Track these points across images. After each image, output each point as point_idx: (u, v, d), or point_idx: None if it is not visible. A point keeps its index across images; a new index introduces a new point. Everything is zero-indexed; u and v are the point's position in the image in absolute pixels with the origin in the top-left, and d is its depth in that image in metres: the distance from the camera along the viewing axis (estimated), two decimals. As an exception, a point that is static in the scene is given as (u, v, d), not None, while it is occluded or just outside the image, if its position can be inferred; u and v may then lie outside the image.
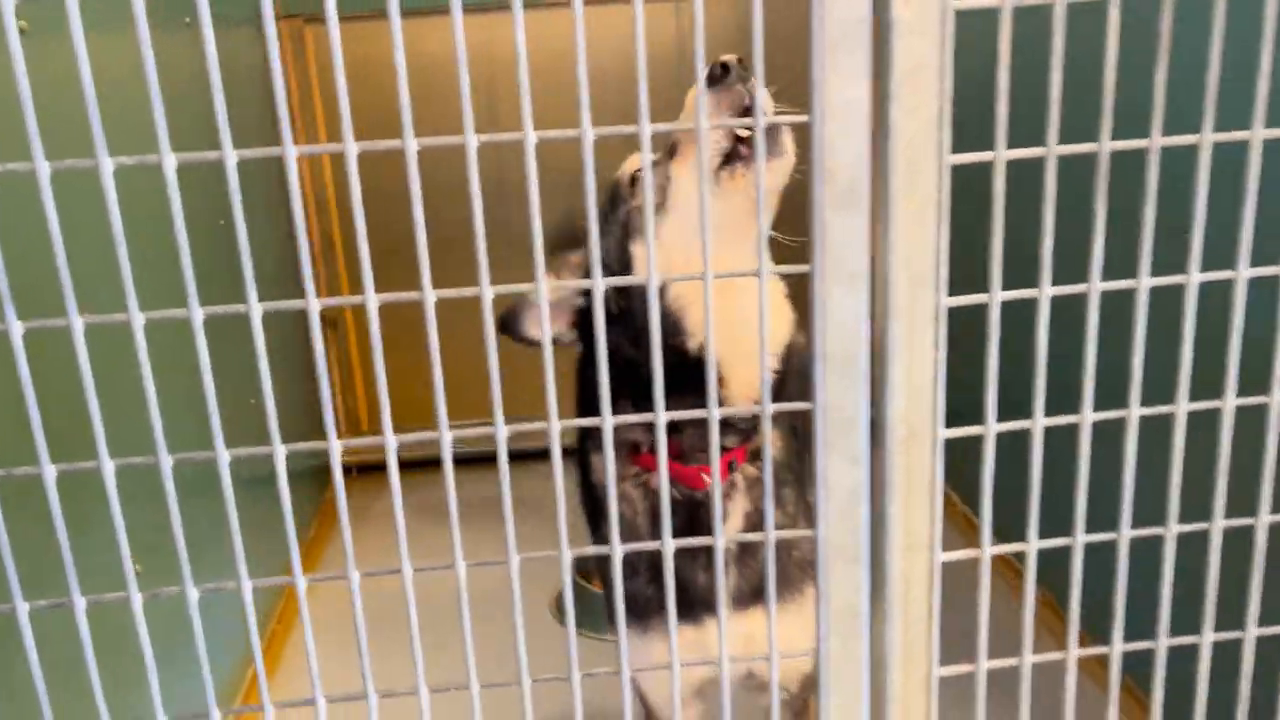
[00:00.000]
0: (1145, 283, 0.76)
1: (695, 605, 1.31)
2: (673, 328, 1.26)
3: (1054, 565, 0.85)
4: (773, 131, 1.20)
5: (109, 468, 0.72)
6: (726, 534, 1.30)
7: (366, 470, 3.40)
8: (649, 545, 0.78)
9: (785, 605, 1.33)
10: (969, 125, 0.78)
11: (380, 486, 0.82)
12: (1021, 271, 0.78)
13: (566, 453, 1.46)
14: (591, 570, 2.63)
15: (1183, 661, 0.86)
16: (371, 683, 0.81)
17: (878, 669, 0.81)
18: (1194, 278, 0.76)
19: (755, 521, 1.33)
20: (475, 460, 1.36)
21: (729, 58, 1.16)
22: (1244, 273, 0.76)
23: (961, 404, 0.81)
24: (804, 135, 0.70)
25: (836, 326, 0.72)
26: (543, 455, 0.78)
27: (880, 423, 0.76)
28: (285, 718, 0.86)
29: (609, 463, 0.68)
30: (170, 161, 0.66)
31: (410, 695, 0.80)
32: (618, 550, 0.78)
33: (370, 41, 2.48)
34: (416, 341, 0.76)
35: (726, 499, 1.30)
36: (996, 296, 0.75)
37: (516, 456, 0.96)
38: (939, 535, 0.79)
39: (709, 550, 1.28)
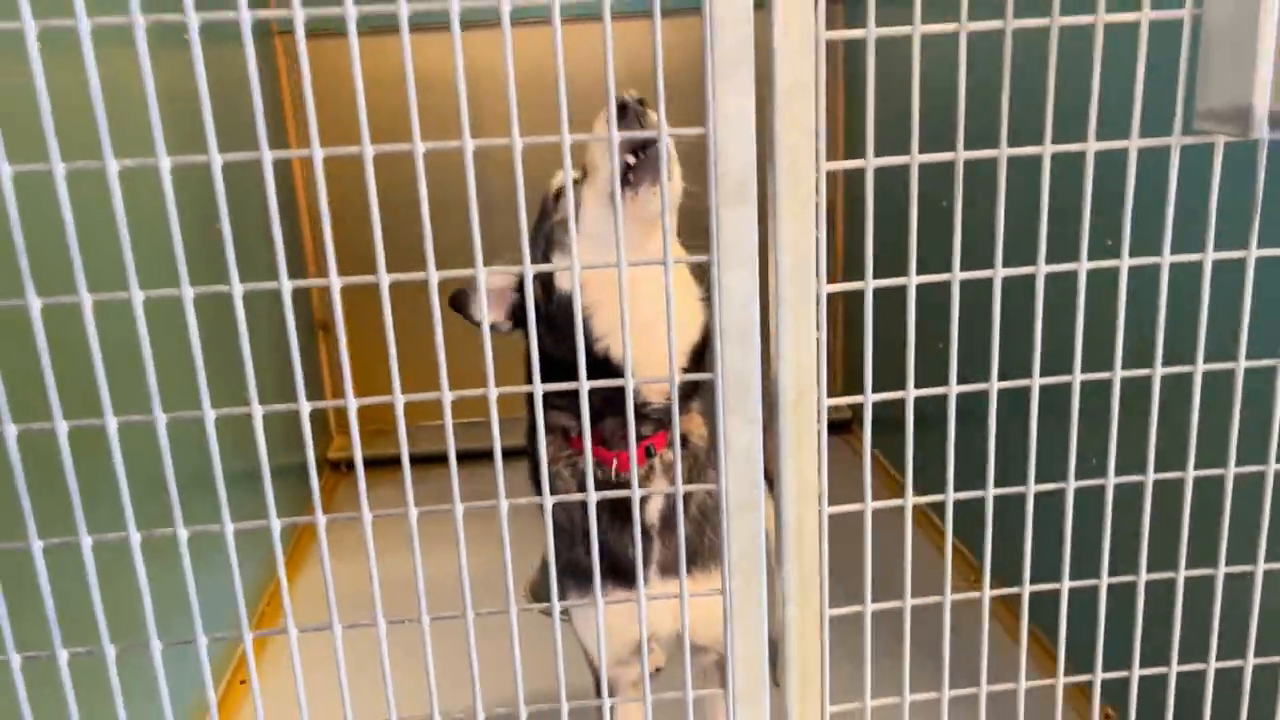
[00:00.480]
0: (1000, 272, 0.89)
1: (627, 574, 1.44)
2: (585, 339, 1.39)
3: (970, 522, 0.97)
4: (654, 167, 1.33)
5: (112, 425, 0.84)
6: (648, 514, 1.45)
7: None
8: (576, 496, 0.90)
9: (709, 574, 1.47)
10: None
11: (372, 481, 0.92)
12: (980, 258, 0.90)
13: (519, 452, 1.61)
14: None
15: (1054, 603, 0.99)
16: (381, 610, 0.92)
17: (775, 607, 0.93)
18: (1041, 269, 0.89)
19: (674, 502, 1.45)
20: (460, 458, 1.47)
21: (629, 96, 1.29)
22: (1085, 265, 0.89)
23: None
24: (701, 148, 0.83)
25: (732, 305, 0.85)
26: (508, 454, 0.90)
27: (773, 389, 0.88)
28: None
29: (539, 418, 0.81)
30: (165, 164, 0.78)
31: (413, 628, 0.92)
32: (548, 501, 0.90)
33: (368, 56, 2.60)
34: (411, 352, 0.86)
35: (646, 481, 1.44)
36: (869, 285, 0.87)
37: (485, 455, 1.06)
38: (825, 488, 0.91)
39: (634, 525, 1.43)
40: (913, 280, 0.88)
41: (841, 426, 3.53)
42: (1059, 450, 0.93)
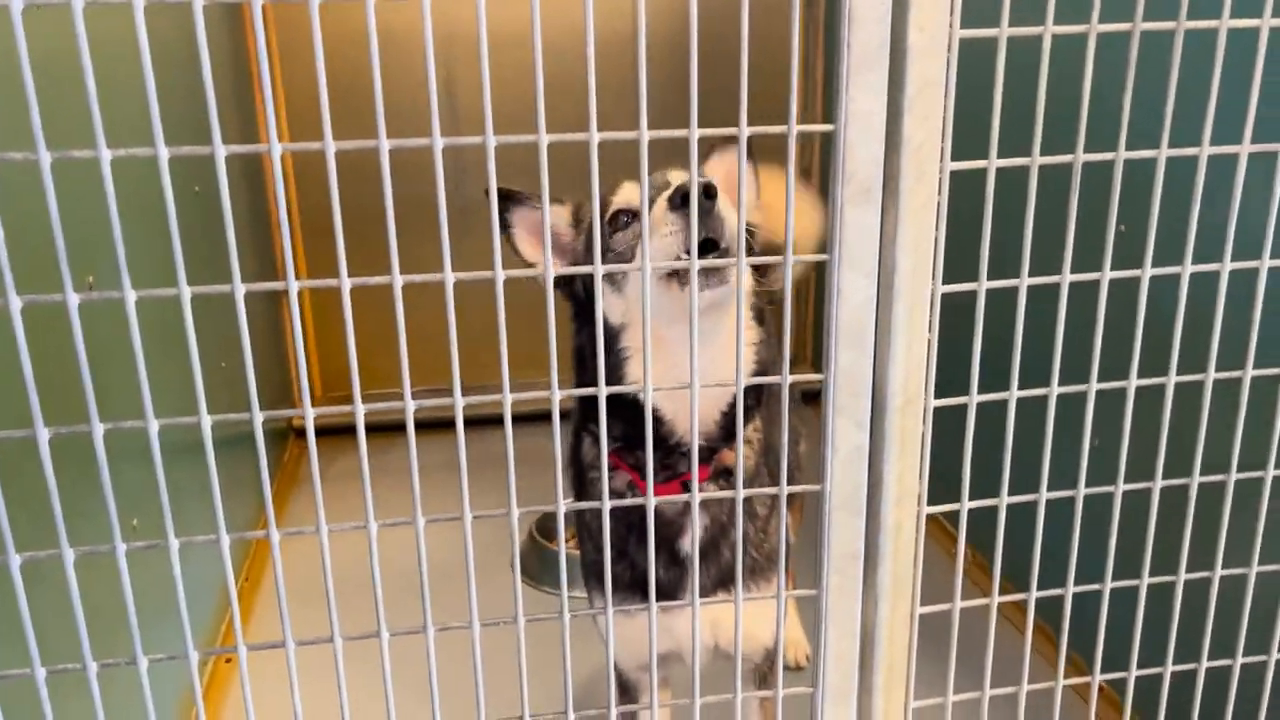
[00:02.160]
0: (1148, 272, 0.88)
1: (660, 592, 1.44)
2: (613, 372, 1.39)
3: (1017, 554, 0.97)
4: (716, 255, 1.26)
5: (99, 431, 0.77)
6: (684, 545, 1.46)
7: (321, 434, 3.43)
8: (631, 501, 0.88)
9: (747, 593, 1.48)
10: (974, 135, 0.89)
11: (336, 449, 0.84)
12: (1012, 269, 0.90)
13: (562, 416, 1.59)
14: (550, 530, 2.74)
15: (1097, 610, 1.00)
16: (338, 628, 0.87)
17: (869, 605, 0.93)
18: (1186, 268, 0.89)
19: (714, 533, 1.48)
20: (436, 425, 1.45)
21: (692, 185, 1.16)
22: (1229, 266, 0.89)
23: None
24: (827, 141, 0.81)
25: (849, 307, 0.83)
26: (516, 420, 0.83)
27: (881, 392, 0.87)
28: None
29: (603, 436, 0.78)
30: (106, 155, 0.71)
31: (372, 639, 0.88)
32: (606, 507, 0.88)
33: (338, 15, 2.51)
34: (377, 312, 0.78)
35: (685, 515, 1.44)
36: (983, 285, 0.87)
37: (490, 421, 1.00)
38: (925, 490, 0.91)
39: (669, 550, 1.45)
40: (1024, 282, 0.87)
41: (814, 397, 3.55)
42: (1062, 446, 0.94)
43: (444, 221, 0.76)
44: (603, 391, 0.85)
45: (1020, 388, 0.91)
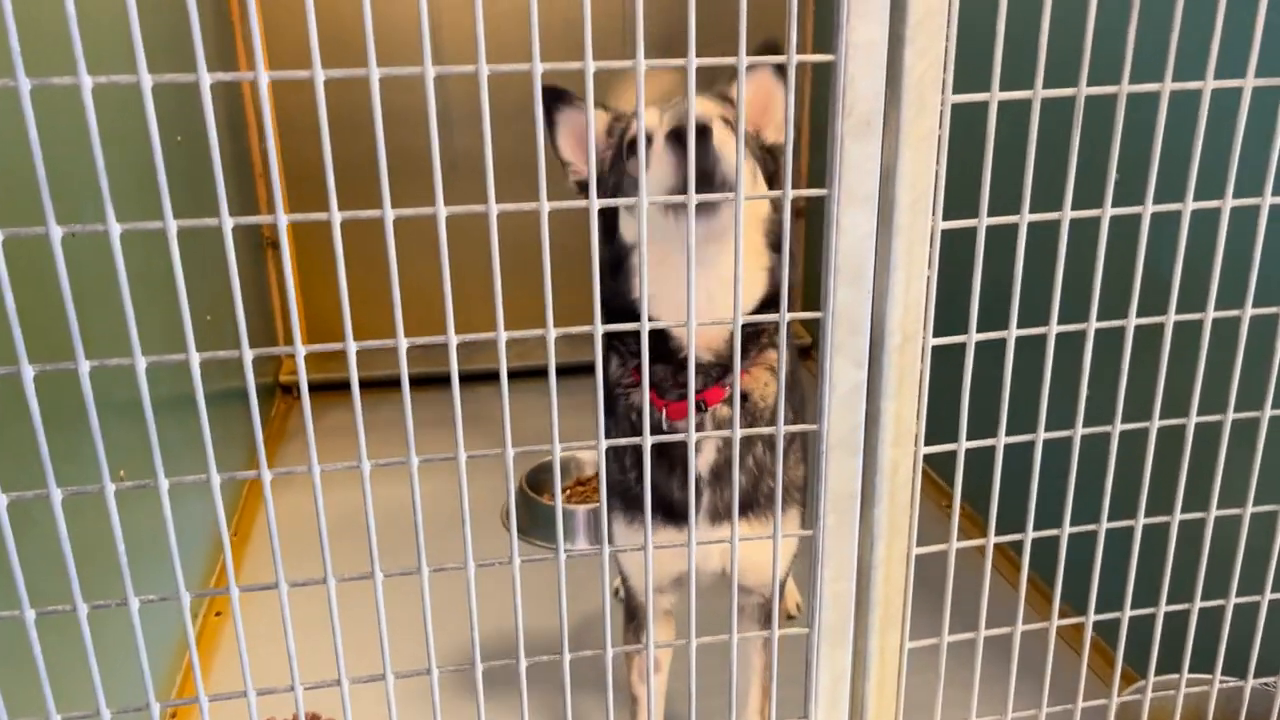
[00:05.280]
0: (1108, 212, 0.87)
1: (675, 514, 1.44)
2: (624, 288, 1.37)
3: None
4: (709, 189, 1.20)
5: (84, 367, 0.75)
6: (697, 465, 1.42)
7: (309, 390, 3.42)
8: (631, 441, 0.87)
9: (764, 521, 1.47)
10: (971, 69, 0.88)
11: (325, 404, 0.83)
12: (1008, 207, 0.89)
13: (484, 377, 1.52)
14: (540, 483, 2.74)
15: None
16: (330, 567, 0.86)
17: (865, 545, 0.92)
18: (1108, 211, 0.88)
19: (727, 456, 1.44)
20: (428, 381, 1.45)
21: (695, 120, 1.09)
22: (1145, 207, 0.88)
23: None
24: (826, 72, 0.79)
25: (848, 243, 0.82)
26: (513, 376, 0.83)
27: (879, 330, 0.86)
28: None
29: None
30: (87, 83, 0.67)
31: (366, 580, 0.86)
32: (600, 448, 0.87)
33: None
34: (365, 264, 0.76)
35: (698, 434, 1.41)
36: (983, 221, 0.85)
37: (486, 377, 0.99)
38: (923, 431, 0.90)
39: (683, 470, 1.42)
40: (1025, 218, 0.86)
41: (803, 352, 3.56)
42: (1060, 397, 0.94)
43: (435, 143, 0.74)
44: (599, 333, 0.84)
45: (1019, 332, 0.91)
